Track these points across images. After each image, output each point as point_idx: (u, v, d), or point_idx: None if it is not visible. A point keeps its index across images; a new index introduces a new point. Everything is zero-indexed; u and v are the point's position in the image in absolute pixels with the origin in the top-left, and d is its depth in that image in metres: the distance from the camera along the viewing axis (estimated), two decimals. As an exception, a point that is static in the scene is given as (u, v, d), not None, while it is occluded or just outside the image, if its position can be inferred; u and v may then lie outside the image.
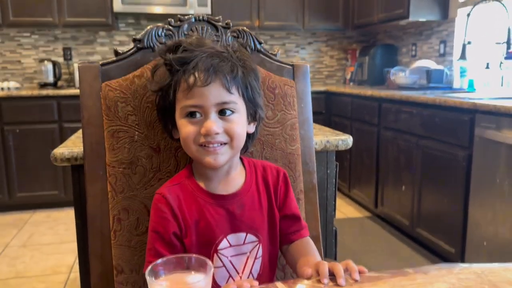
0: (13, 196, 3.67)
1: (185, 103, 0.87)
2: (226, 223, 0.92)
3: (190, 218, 0.91)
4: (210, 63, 0.86)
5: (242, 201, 0.94)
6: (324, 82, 4.89)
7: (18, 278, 2.56)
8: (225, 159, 0.90)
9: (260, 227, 0.95)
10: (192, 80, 0.85)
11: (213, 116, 0.87)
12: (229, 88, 0.87)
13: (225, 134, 0.88)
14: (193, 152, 0.89)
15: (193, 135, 0.87)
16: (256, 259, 0.95)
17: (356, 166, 3.74)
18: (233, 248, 0.93)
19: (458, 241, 2.50)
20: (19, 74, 4.25)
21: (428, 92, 3.12)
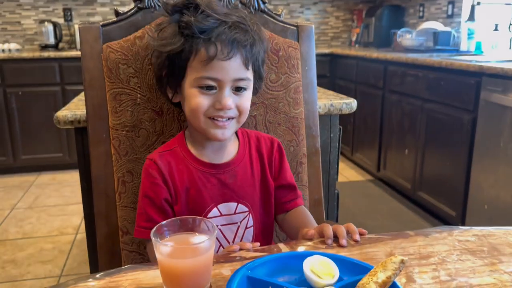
0: (18, 158, 3.70)
1: (201, 74, 0.84)
2: (217, 192, 0.92)
3: (181, 185, 0.90)
4: (234, 36, 0.83)
5: (234, 171, 0.93)
6: (329, 44, 4.81)
7: (26, 239, 2.62)
8: (231, 133, 0.90)
9: (252, 197, 0.95)
10: (213, 51, 0.82)
11: (228, 91, 0.85)
12: (248, 64, 0.86)
13: (236, 109, 0.87)
14: (200, 123, 0.87)
15: (205, 108, 0.85)
16: (247, 229, 0.95)
17: (360, 130, 3.73)
18: (224, 218, 0.93)
19: (459, 204, 2.52)
20: (19, 36, 4.19)
21: (434, 55, 3.07)
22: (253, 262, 0.69)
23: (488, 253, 0.76)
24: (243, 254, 0.77)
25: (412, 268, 0.72)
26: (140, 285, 0.68)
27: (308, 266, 0.67)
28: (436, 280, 0.68)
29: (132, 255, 1.05)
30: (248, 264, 0.68)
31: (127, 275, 0.71)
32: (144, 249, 1.05)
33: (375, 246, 0.80)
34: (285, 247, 0.80)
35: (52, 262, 2.36)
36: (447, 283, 0.68)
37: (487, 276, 0.69)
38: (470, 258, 0.75)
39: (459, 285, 0.67)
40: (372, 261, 0.73)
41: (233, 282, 0.63)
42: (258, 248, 0.80)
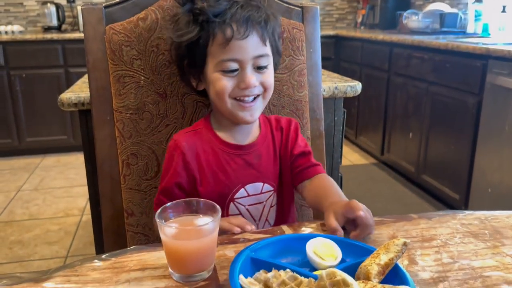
0: (23, 140, 3.72)
1: (222, 57, 0.84)
2: (243, 173, 0.93)
3: (207, 166, 0.91)
4: (247, 14, 0.83)
5: (259, 151, 0.95)
6: (334, 26, 4.75)
7: (32, 220, 2.65)
8: (259, 113, 0.91)
9: (275, 176, 0.96)
10: (229, 32, 0.82)
11: (250, 69, 0.86)
12: (265, 40, 0.86)
13: (260, 86, 0.88)
14: (227, 106, 0.88)
15: (230, 89, 0.86)
16: (271, 207, 0.97)
17: (364, 113, 3.72)
18: (251, 198, 0.94)
19: (462, 187, 2.53)
20: (22, 18, 4.17)
21: (440, 37, 3.03)
22: (256, 244, 0.70)
23: (491, 236, 0.77)
24: (246, 236, 0.78)
25: (415, 251, 0.72)
26: (145, 266, 0.69)
27: (311, 248, 0.68)
28: (438, 262, 0.69)
29: (137, 236, 1.06)
30: (252, 246, 0.69)
31: (133, 256, 0.72)
32: (149, 230, 1.06)
33: (378, 228, 0.80)
34: (288, 229, 0.81)
35: (58, 243, 2.39)
36: (449, 265, 0.68)
37: (489, 259, 0.70)
38: (472, 241, 0.75)
39: (461, 267, 0.68)
40: (375, 244, 0.74)
41: (236, 263, 0.64)
42: (262, 230, 0.81)
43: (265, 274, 0.61)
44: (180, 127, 1.04)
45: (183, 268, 0.65)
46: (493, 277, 0.65)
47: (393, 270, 0.62)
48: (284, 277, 0.60)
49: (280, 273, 0.61)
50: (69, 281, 0.65)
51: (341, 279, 0.56)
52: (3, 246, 2.37)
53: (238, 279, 0.60)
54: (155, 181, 1.05)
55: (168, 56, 1.01)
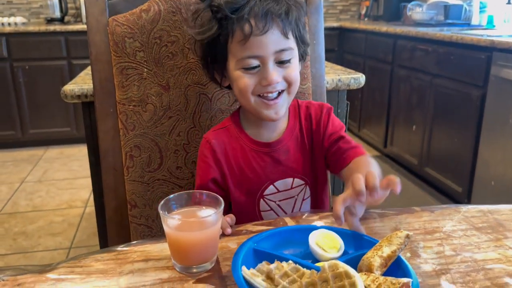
0: (26, 132, 3.73)
1: (242, 54, 0.82)
2: (272, 170, 0.91)
3: (236, 164, 0.91)
4: (266, 8, 0.80)
5: (286, 146, 0.92)
6: (337, 18, 4.73)
7: (36, 212, 2.67)
8: (284, 110, 0.88)
9: (306, 169, 0.94)
10: (248, 28, 0.80)
11: (272, 65, 0.83)
12: (287, 33, 0.83)
13: (284, 81, 0.85)
14: (251, 104, 0.86)
15: (252, 87, 0.84)
16: (304, 200, 0.95)
17: (367, 106, 3.71)
18: (281, 193, 0.93)
19: (466, 180, 2.52)
20: (25, 9, 4.16)
21: (445, 29, 3.01)
22: (259, 235, 0.70)
23: (494, 229, 0.77)
24: (249, 228, 0.78)
25: (417, 243, 0.73)
26: (148, 257, 0.69)
27: (313, 239, 0.68)
28: (440, 255, 0.69)
29: (140, 228, 1.06)
30: (254, 237, 0.69)
31: (136, 247, 0.72)
32: (152, 222, 1.06)
33: (380, 221, 0.80)
34: (291, 221, 0.81)
35: (62, 235, 2.40)
36: (451, 257, 0.68)
37: (491, 252, 0.70)
38: (475, 234, 0.75)
39: (464, 260, 0.68)
40: (378, 236, 0.74)
41: (239, 254, 0.64)
42: (265, 222, 0.81)
43: (267, 265, 0.62)
44: (183, 119, 1.04)
45: (186, 259, 0.66)
46: (495, 269, 0.65)
47: (395, 263, 0.62)
48: (287, 269, 0.60)
49: (283, 264, 0.61)
50: (73, 272, 0.65)
51: (343, 271, 0.56)
52: (7, 237, 2.38)
53: (241, 270, 0.60)
54: (158, 173, 1.05)
55: (171, 48, 1.01)
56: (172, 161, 1.05)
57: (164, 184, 1.06)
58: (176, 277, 0.64)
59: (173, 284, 0.62)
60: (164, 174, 1.05)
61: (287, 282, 0.58)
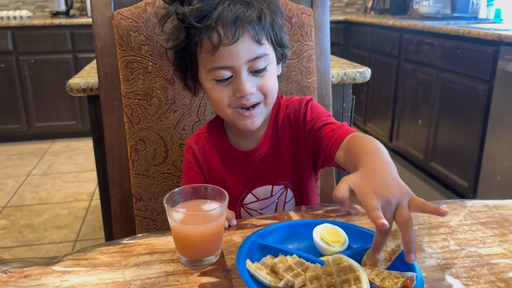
0: (32, 126, 3.75)
1: (212, 65, 0.76)
2: (250, 179, 0.90)
3: (216, 171, 0.90)
4: (235, 14, 0.73)
5: (264, 154, 0.89)
6: (343, 11, 4.70)
7: (42, 205, 2.69)
8: (261, 119, 0.84)
9: (285, 172, 0.91)
10: (216, 38, 0.73)
11: (245, 75, 0.77)
12: (260, 39, 0.76)
13: (259, 92, 0.79)
14: (227, 116, 0.82)
15: (226, 100, 0.79)
16: (287, 203, 0.94)
17: (373, 100, 3.69)
18: (261, 202, 0.91)
19: (471, 175, 2.51)
20: (30, 3, 4.16)
21: (451, 23, 2.99)
22: (263, 229, 0.70)
23: (499, 224, 0.77)
24: (253, 222, 0.78)
25: (422, 238, 0.72)
26: (153, 250, 0.69)
27: (317, 233, 0.68)
28: (445, 249, 0.69)
29: (145, 221, 1.07)
30: (259, 231, 0.69)
31: (141, 240, 0.72)
32: (157, 215, 1.07)
33: (385, 215, 0.80)
34: (295, 215, 0.81)
35: (67, 227, 2.42)
36: (456, 252, 0.68)
37: (497, 246, 0.70)
38: (480, 229, 0.75)
39: (468, 254, 0.68)
40: (382, 230, 0.74)
41: (244, 248, 0.64)
42: (269, 216, 0.81)
43: (272, 259, 0.62)
44: (188, 113, 1.04)
45: (191, 252, 0.66)
46: (500, 264, 0.65)
47: (400, 257, 0.62)
48: (291, 263, 0.60)
49: (287, 258, 0.61)
50: (79, 265, 0.66)
51: (348, 265, 0.56)
52: (14, 230, 2.40)
53: (245, 264, 0.60)
54: (163, 166, 1.05)
55: (176, 42, 1.01)
56: (177, 155, 1.05)
57: (169, 178, 1.06)
58: (181, 270, 0.65)
59: (178, 277, 0.63)
60: (169, 167, 1.05)
61: (291, 275, 0.58)
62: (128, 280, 0.62)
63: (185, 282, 0.62)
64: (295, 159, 0.91)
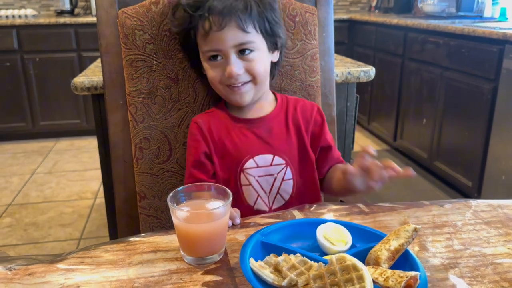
0: (37, 124, 3.76)
1: (205, 48, 0.90)
2: (253, 145, 0.96)
3: (219, 139, 0.96)
4: (223, 5, 0.86)
5: (269, 125, 0.97)
6: (347, 10, 4.69)
7: (46, 203, 2.70)
8: (250, 96, 0.94)
9: (289, 151, 0.97)
10: (207, 25, 0.87)
11: (233, 58, 0.89)
12: (245, 28, 0.87)
13: (247, 73, 0.91)
14: (221, 91, 0.94)
15: (218, 77, 0.91)
16: (284, 181, 0.97)
17: (377, 99, 3.68)
18: (260, 169, 0.96)
19: (476, 174, 2.50)
20: (35, 1, 4.18)
21: (456, 21, 2.98)
22: (267, 228, 0.70)
23: (503, 224, 0.76)
24: (257, 220, 0.79)
25: (426, 237, 0.72)
26: (157, 248, 0.70)
27: (321, 232, 0.68)
28: (449, 249, 0.69)
29: (149, 219, 1.07)
30: (262, 230, 0.69)
31: (145, 238, 0.73)
32: (161, 213, 1.07)
33: (389, 215, 0.80)
34: (299, 214, 0.81)
35: (72, 226, 2.43)
36: (460, 252, 0.68)
37: (501, 246, 0.70)
38: (484, 228, 0.75)
39: (472, 254, 0.67)
40: (386, 230, 0.74)
41: (247, 247, 0.64)
42: (273, 215, 0.81)
43: (275, 258, 0.62)
44: (191, 112, 1.04)
45: (195, 251, 0.66)
46: (504, 264, 0.65)
47: (403, 256, 0.62)
48: (294, 261, 0.60)
49: (290, 257, 0.61)
50: (83, 263, 0.66)
51: (351, 264, 0.56)
52: (18, 228, 2.42)
53: (249, 262, 0.60)
54: (167, 164, 1.05)
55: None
56: (181, 153, 1.05)
57: (173, 176, 1.06)
58: (185, 268, 0.65)
59: (182, 275, 0.63)
60: (173, 166, 1.06)
61: (294, 274, 0.58)
62: (132, 278, 0.62)
63: (189, 280, 0.62)
64: (302, 146, 0.99)
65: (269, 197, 0.97)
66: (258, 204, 0.96)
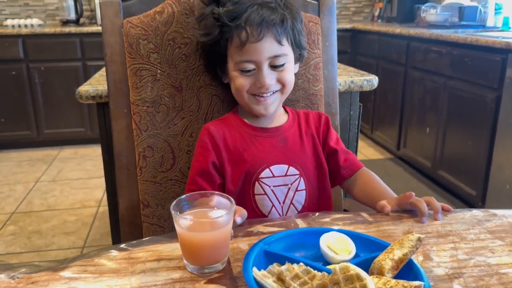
0: (41, 132, 3.78)
1: (239, 59, 0.90)
2: (269, 154, 0.96)
3: (234, 147, 0.95)
4: (261, 17, 0.87)
5: (284, 135, 0.98)
6: (350, 19, 4.71)
7: (50, 211, 2.70)
8: (275, 107, 0.95)
9: (303, 162, 0.98)
10: (244, 35, 0.87)
11: (266, 69, 0.90)
12: (281, 40, 0.89)
13: (277, 83, 0.92)
14: (244, 100, 0.94)
15: (247, 86, 0.92)
16: (298, 191, 0.98)
17: (380, 108, 3.68)
18: (276, 179, 0.96)
19: (480, 184, 2.49)
20: (41, 11, 4.22)
21: (459, 31, 2.98)
22: (270, 237, 0.70)
23: (508, 233, 0.76)
24: (260, 229, 0.78)
25: (430, 246, 0.72)
26: (160, 257, 0.70)
27: (324, 242, 0.68)
28: (453, 258, 0.68)
29: (152, 227, 1.07)
30: (266, 239, 0.69)
31: (148, 247, 0.73)
32: (164, 221, 1.07)
33: (392, 224, 0.80)
34: (302, 223, 0.81)
35: (75, 234, 2.43)
36: (464, 261, 0.68)
37: (506, 256, 0.69)
38: (489, 238, 0.74)
39: (477, 264, 0.67)
40: (390, 239, 0.73)
41: (250, 256, 0.64)
42: (276, 223, 0.81)
43: (278, 267, 0.62)
44: (195, 120, 1.05)
45: (198, 259, 0.66)
46: (509, 274, 0.65)
47: (407, 266, 0.62)
48: (298, 271, 0.60)
49: (294, 266, 0.61)
50: (86, 271, 0.66)
51: (355, 274, 0.56)
52: (22, 236, 2.42)
53: (252, 271, 0.60)
54: (171, 173, 1.06)
55: (184, 50, 1.02)
56: (185, 162, 1.06)
57: (176, 184, 1.06)
58: (188, 277, 0.65)
59: (185, 284, 0.63)
60: (176, 174, 1.06)
61: (298, 284, 0.58)
62: (135, 287, 0.62)
63: (192, 289, 0.62)
64: (315, 157, 1.00)
65: (283, 207, 0.96)
66: (272, 214, 0.95)
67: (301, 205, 0.98)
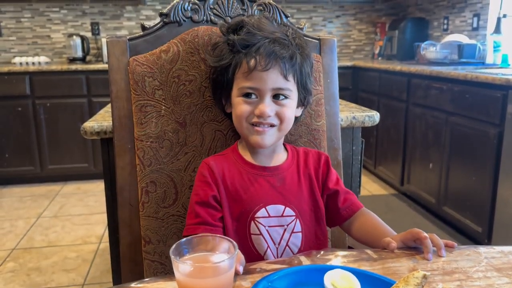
0: (45, 168, 3.79)
1: (243, 84, 0.92)
2: (266, 194, 0.95)
3: (231, 184, 0.95)
4: (272, 49, 0.90)
5: (282, 175, 0.97)
6: (351, 57, 4.80)
7: (51, 247, 2.67)
8: (272, 140, 0.95)
9: (299, 203, 0.97)
10: (253, 63, 0.90)
11: (268, 100, 0.91)
12: (286, 75, 0.91)
13: (276, 117, 0.93)
14: (243, 129, 0.95)
15: (247, 114, 0.93)
16: (294, 233, 0.96)
17: (383, 143, 3.70)
18: (271, 219, 0.95)
19: (485, 220, 2.46)
20: (49, 49, 4.32)
21: (459, 68, 3.03)
22: (273, 274, 0.69)
23: (515, 270, 0.75)
24: (263, 266, 0.77)
25: (436, 284, 0.71)
26: (161, 295, 0.68)
27: (329, 279, 0.67)
28: (460, 296, 0.67)
29: (154, 264, 1.06)
30: (269, 276, 0.68)
31: (149, 285, 0.72)
32: (165, 259, 1.06)
33: (397, 261, 0.79)
34: (306, 260, 0.80)
35: (75, 271, 2.39)
36: (472, 300, 0.66)
37: (514, 294, 0.68)
38: (496, 275, 0.73)
39: (485, 302, 0.66)
40: (395, 276, 0.72)
41: (253, 293, 0.63)
42: (279, 260, 0.80)
43: (282, 305, 0.60)
44: (198, 155, 1.05)
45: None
46: (518, 313, 0.63)
47: (413, 304, 0.61)
48: (302, 309, 0.59)
49: (298, 304, 0.60)
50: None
51: (360, 312, 0.55)
52: (21, 272, 2.38)
53: (255, 309, 0.59)
54: (173, 208, 1.05)
55: (188, 87, 1.04)
56: (187, 197, 1.05)
57: (178, 220, 1.06)
58: (189, 316, 0.63)
59: (186, 323, 0.61)
60: (178, 209, 1.06)
61: (302, 322, 0.56)
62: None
63: (194, 328, 0.60)
64: (312, 201, 0.99)
65: (278, 249, 0.95)
66: (267, 255, 0.93)
67: (297, 248, 0.96)
